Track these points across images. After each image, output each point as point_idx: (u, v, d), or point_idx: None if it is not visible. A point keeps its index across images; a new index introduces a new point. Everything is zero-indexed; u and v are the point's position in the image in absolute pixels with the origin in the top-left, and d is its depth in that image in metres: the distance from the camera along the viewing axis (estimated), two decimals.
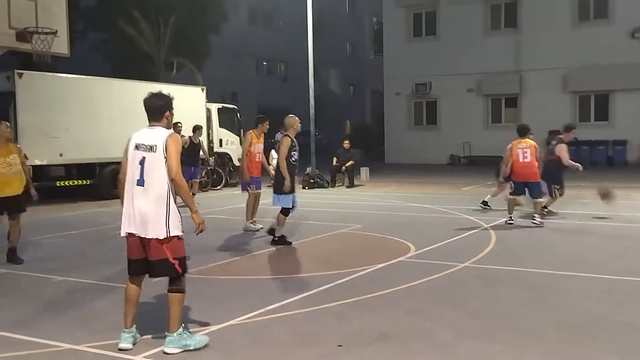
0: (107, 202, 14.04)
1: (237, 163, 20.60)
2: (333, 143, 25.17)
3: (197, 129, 15.37)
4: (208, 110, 19.57)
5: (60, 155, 15.52)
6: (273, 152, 13.29)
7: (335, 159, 19.69)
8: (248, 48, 39.53)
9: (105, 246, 9.77)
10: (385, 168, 26.05)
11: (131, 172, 4.83)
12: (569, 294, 6.43)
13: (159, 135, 4.83)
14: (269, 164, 13.37)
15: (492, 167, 13.40)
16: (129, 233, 4.83)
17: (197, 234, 4.91)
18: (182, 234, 4.84)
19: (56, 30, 12.38)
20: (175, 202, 4.82)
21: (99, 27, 28.97)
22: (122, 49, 28.84)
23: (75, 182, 16.07)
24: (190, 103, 18.96)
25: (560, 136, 11.71)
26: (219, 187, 18.82)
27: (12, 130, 9.24)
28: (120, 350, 4.82)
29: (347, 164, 19.28)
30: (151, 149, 4.78)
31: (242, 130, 21.15)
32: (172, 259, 4.77)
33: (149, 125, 4.95)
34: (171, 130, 4.96)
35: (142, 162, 4.78)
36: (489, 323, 5.50)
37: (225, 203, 15.26)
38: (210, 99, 19.95)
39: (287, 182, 9.05)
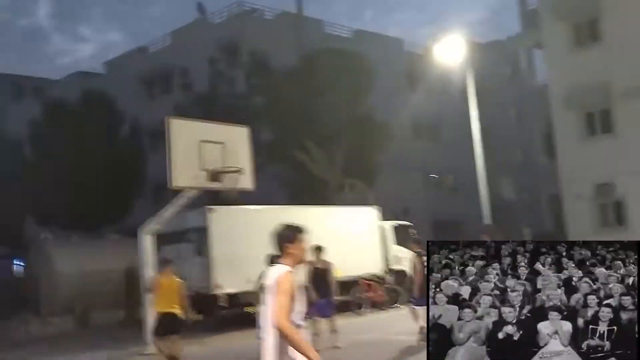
0: None
1: None
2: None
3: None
4: (382, 229, 19.78)
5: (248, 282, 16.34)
6: None
7: None
8: (414, 162, 40.03)
9: None
10: None
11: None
12: None
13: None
14: None
15: None
16: None
17: None
18: None
19: (241, 168, 13.48)
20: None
21: (276, 159, 31.09)
22: (298, 177, 30.54)
23: None
24: (364, 223, 19.37)
25: None
26: (396, 305, 18.59)
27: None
28: None
29: None
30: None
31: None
32: None
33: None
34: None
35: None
36: None
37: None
38: (382, 216, 20.19)
39: None
